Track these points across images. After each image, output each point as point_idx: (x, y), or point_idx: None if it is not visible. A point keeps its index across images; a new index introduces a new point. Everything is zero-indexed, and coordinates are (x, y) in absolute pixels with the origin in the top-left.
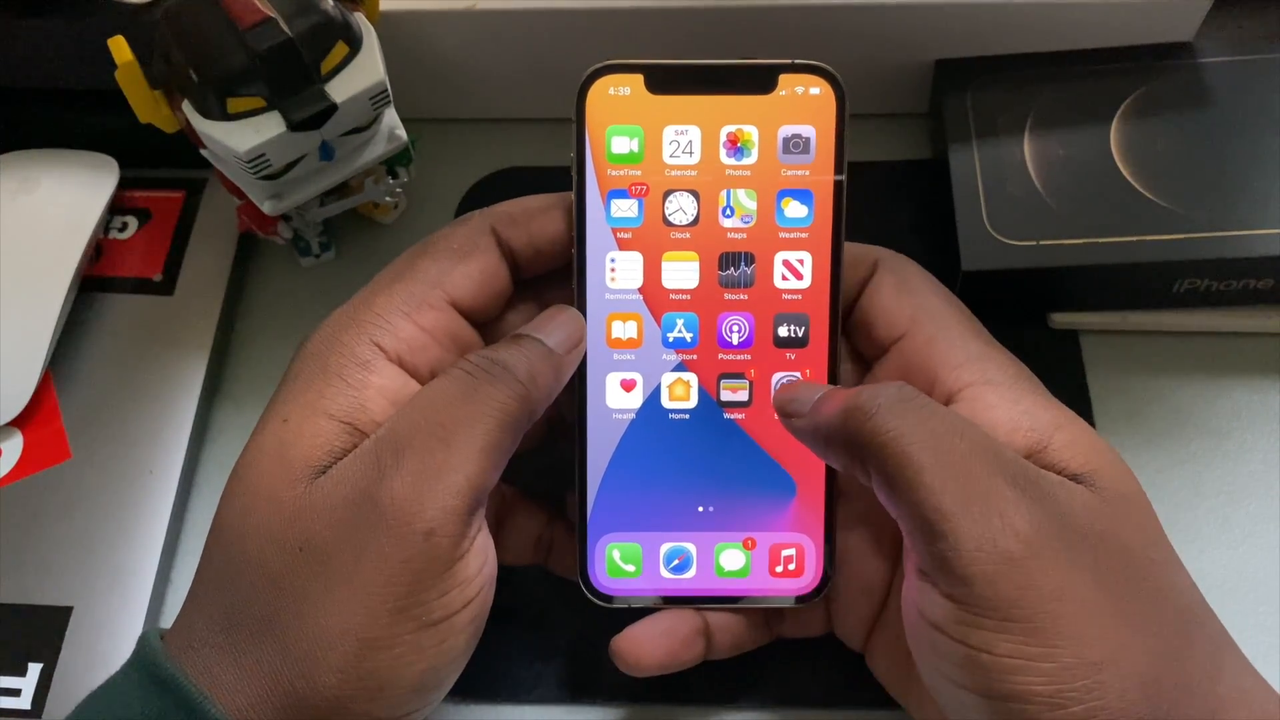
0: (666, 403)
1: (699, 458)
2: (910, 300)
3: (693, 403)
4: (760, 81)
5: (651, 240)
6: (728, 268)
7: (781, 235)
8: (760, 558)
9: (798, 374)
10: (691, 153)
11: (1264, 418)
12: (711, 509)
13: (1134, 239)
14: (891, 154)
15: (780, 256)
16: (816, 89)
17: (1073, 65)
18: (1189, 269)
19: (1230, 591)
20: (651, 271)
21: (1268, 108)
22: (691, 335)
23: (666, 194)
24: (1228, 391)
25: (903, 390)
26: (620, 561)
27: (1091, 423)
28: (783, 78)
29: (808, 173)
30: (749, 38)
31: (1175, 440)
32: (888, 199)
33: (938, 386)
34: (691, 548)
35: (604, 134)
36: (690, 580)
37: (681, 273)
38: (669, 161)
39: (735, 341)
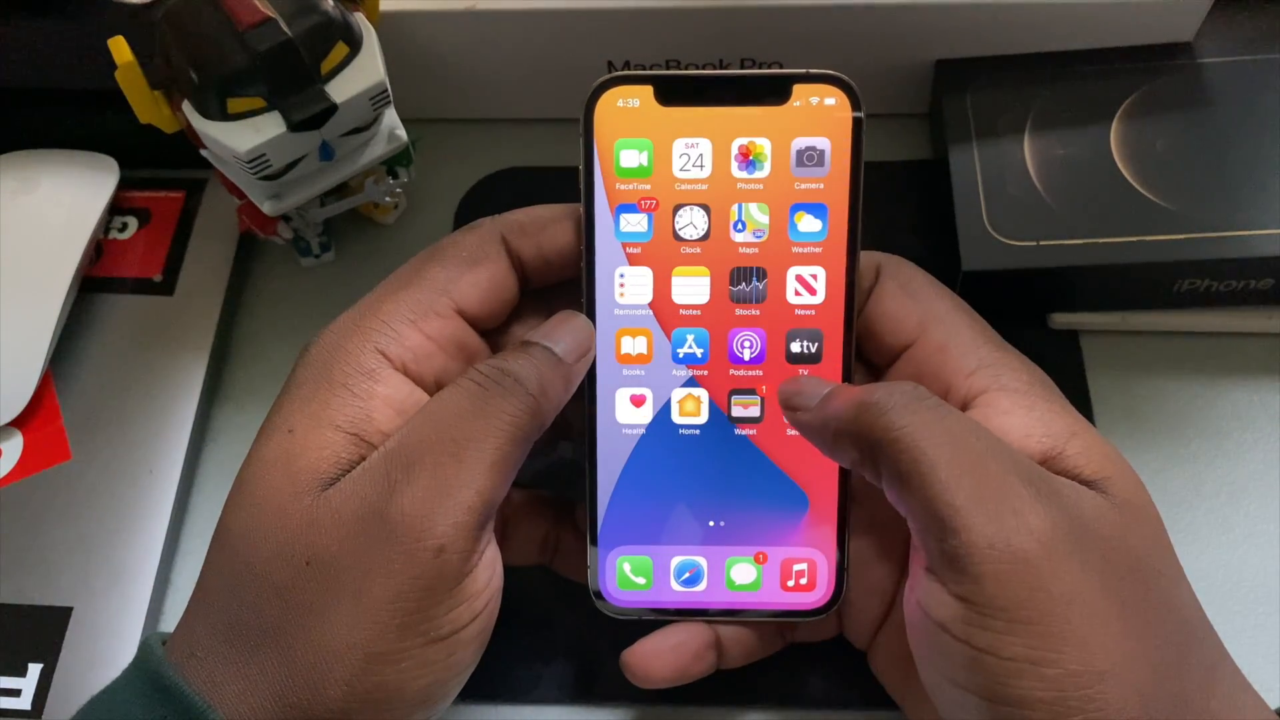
0: (677, 418)
1: (710, 472)
2: (917, 306)
3: (704, 418)
4: (773, 92)
5: (662, 255)
6: (739, 283)
7: (794, 250)
8: (772, 572)
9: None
10: (702, 166)
11: (1264, 418)
12: (723, 523)
13: (1134, 239)
14: (891, 154)
15: (793, 271)
16: (831, 99)
17: (1073, 65)
18: (1189, 269)
19: (1230, 591)
20: (661, 286)
21: (1268, 108)
22: (702, 351)
23: (677, 208)
24: (1228, 391)
25: (917, 389)
26: (631, 574)
27: (1091, 423)
28: (796, 88)
29: (822, 186)
30: (749, 38)
31: (1175, 440)
32: (888, 199)
33: (951, 393)
34: (702, 561)
35: (613, 147)
36: (701, 594)
37: (692, 288)
38: (679, 175)
39: (747, 357)
